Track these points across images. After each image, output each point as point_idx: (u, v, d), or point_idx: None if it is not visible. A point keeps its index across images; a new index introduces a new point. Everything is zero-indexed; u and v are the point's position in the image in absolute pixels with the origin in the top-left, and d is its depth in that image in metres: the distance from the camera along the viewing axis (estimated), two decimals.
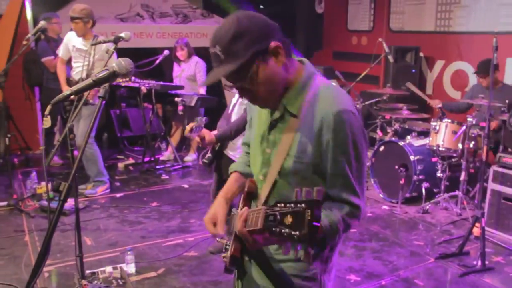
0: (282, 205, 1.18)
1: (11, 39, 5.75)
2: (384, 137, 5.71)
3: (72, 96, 1.92)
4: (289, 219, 1.14)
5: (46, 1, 6.39)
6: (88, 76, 4.85)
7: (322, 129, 1.46)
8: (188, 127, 3.16)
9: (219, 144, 3.43)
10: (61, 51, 5.12)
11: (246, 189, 1.69)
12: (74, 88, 1.91)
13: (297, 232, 1.11)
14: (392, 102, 6.02)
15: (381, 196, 5.29)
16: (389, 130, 5.75)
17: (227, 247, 1.69)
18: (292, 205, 1.15)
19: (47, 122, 1.93)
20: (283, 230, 1.14)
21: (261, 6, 7.86)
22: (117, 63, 1.92)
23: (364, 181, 1.55)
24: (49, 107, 2.03)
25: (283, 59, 1.48)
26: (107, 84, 1.89)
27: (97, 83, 1.88)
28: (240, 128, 3.20)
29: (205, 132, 3.18)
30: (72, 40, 4.96)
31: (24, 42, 4.52)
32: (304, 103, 1.51)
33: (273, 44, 1.44)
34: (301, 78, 1.53)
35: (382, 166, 5.26)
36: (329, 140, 1.46)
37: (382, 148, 5.31)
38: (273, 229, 1.17)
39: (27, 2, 6.35)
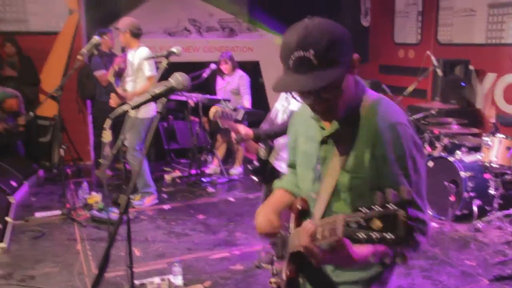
0: (366, 210, 1.09)
1: (67, 55, 6.00)
2: (433, 152, 5.56)
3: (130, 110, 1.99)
4: (377, 223, 1.05)
5: (100, 17, 6.65)
6: (119, 80, 5.13)
7: (377, 143, 1.43)
8: (213, 109, 2.90)
9: (263, 153, 3.25)
10: None
11: (299, 207, 1.59)
12: (132, 103, 1.97)
13: (392, 235, 1.02)
14: (441, 116, 5.87)
15: (430, 213, 5.15)
16: (437, 145, 5.60)
17: (275, 272, 1.63)
18: (379, 208, 1.06)
19: (107, 136, 2.01)
20: (371, 234, 1.05)
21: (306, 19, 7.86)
22: (174, 78, 1.97)
23: (425, 195, 1.49)
24: (108, 121, 2.11)
25: (355, 72, 1.47)
26: (164, 99, 1.95)
27: (155, 98, 1.93)
28: (284, 131, 2.97)
29: (239, 125, 2.97)
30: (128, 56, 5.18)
31: (79, 57, 4.70)
32: (359, 117, 1.48)
33: (355, 56, 1.42)
34: (356, 91, 1.50)
35: (431, 182, 5.11)
36: (385, 154, 1.42)
37: (431, 163, 5.17)
38: (357, 235, 1.08)
39: (82, 19, 6.63)
